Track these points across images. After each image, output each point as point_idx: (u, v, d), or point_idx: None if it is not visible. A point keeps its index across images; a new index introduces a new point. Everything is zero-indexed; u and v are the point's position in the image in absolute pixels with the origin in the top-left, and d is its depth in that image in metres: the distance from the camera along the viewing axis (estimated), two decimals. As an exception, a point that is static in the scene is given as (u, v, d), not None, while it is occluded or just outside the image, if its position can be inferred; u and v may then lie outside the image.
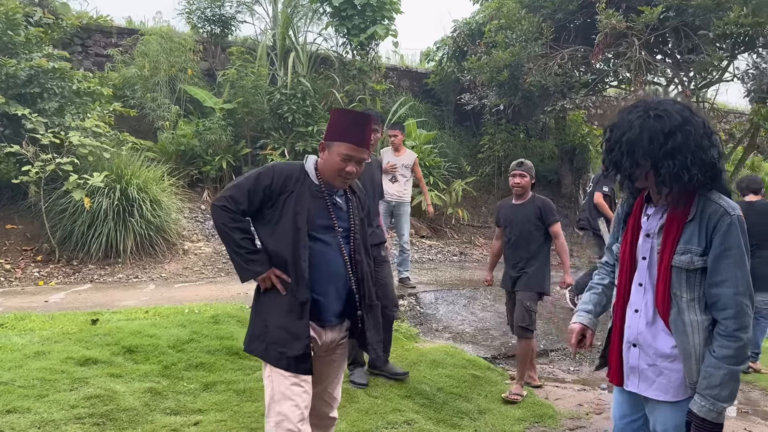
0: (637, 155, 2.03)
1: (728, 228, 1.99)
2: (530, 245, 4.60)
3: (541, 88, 10.10)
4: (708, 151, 2.00)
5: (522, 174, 4.64)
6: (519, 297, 4.58)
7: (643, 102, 2.11)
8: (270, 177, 2.50)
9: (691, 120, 2.02)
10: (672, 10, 8.95)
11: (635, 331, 2.16)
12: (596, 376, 5.30)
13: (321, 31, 12.54)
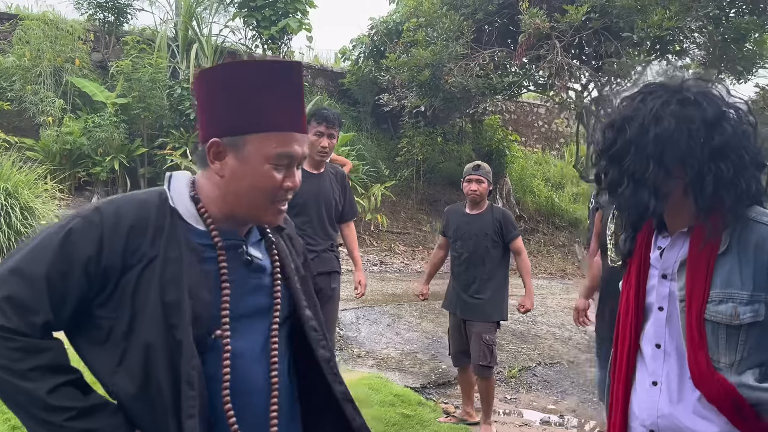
0: (671, 160, 1.37)
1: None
2: (486, 264, 3.89)
3: (463, 89, 9.69)
4: (758, 144, 1.40)
5: (479, 179, 3.89)
6: (476, 330, 3.86)
7: (657, 86, 1.44)
8: (96, 238, 1.14)
9: (730, 102, 1.41)
10: (596, 11, 8.76)
11: (654, 413, 1.51)
12: (535, 405, 4.81)
13: (228, 22, 11.61)
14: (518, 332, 6.38)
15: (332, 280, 3.55)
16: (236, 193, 1.23)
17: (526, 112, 17.01)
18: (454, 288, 4.03)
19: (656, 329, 1.55)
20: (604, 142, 1.46)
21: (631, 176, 1.40)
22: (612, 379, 1.66)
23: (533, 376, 5.39)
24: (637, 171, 1.39)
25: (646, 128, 1.38)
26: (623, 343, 1.61)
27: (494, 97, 10.49)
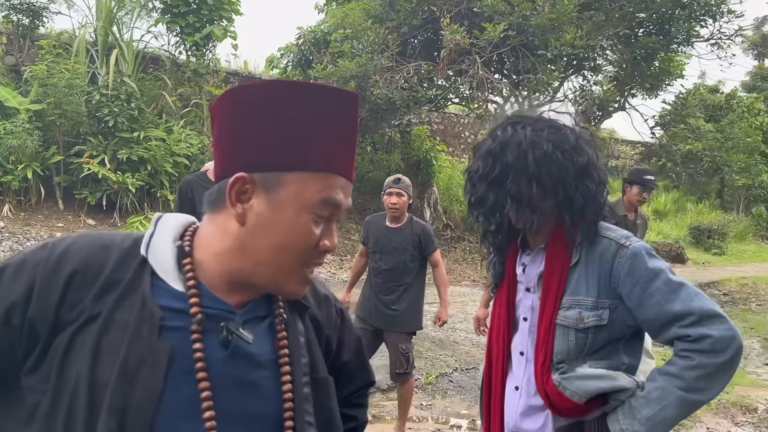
0: (549, 180, 1.52)
1: (632, 263, 1.51)
2: (404, 277, 3.94)
3: (388, 101, 9.86)
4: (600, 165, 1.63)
5: (399, 192, 3.87)
6: (392, 340, 3.94)
7: (520, 118, 1.62)
8: (27, 282, 0.87)
9: (583, 131, 1.64)
10: (513, 29, 9.12)
11: (515, 416, 1.66)
12: (449, 410, 4.96)
13: (150, 28, 11.35)
14: (437, 339, 6.54)
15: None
16: (257, 248, 0.89)
17: (453, 123, 17.41)
18: (369, 297, 4.04)
19: (521, 338, 1.69)
20: (483, 169, 1.57)
21: (512, 197, 1.53)
22: (485, 387, 1.78)
23: (449, 382, 5.55)
24: (518, 192, 1.52)
25: (524, 152, 1.51)
26: (497, 354, 1.74)
27: (419, 109, 10.72)
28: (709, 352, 1.42)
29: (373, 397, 5.11)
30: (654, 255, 1.54)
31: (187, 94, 10.93)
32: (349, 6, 11.10)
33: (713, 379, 1.44)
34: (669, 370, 1.47)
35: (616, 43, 10.36)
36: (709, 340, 1.42)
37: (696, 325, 1.44)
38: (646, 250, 1.53)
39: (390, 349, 4.00)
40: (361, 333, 3.79)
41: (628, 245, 1.53)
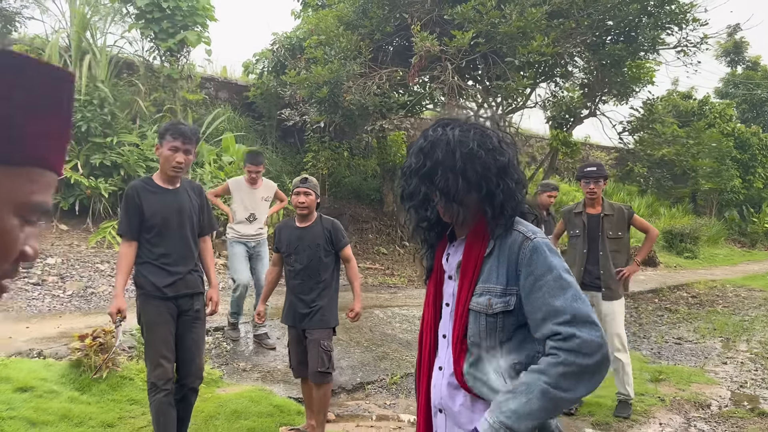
0: (475, 176, 1.65)
1: (531, 254, 1.62)
2: (321, 273, 4.00)
3: (361, 107, 9.96)
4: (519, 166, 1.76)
5: (307, 191, 3.98)
6: (314, 337, 3.96)
7: (449, 119, 1.76)
8: None
9: (504, 135, 1.76)
10: (482, 36, 9.28)
11: (439, 394, 1.77)
12: (412, 408, 5.05)
13: (124, 33, 11.36)
14: (404, 341, 6.64)
15: (195, 302, 3.55)
16: None
17: (430, 128, 17.57)
18: (291, 301, 4.08)
19: (444, 323, 1.83)
20: (416, 164, 1.71)
21: (441, 191, 1.67)
22: (416, 370, 1.91)
23: (413, 382, 5.63)
24: (445, 186, 1.66)
25: (452, 150, 1.65)
26: (426, 339, 1.87)
27: (392, 115, 10.85)
28: (575, 352, 1.49)
29: (338, 398, 5.20)
30: (555, 252, 1.65)
31: (161, 100, 10.95)
32: (322, 12, 11.21)
33: (578, 380, 1.50)
34: (536, 367, 1.55)
35: (584, 51, 10.56)
36: (577, 341, 1.50)
37: (568, 324, 1.52)
38: (548, 246, 1.65)
39: (311, 346, 3.97)
40: (294, 340, 3.80)
41: (533, 238, 1.65)
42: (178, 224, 3.47)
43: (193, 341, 3.55)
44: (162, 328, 3.42)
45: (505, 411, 1.53)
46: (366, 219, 13.92)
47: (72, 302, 7.11)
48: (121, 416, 4.03)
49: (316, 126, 11.38)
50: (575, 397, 1.53)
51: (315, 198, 4.03)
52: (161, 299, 3.43)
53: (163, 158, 3.44)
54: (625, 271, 4.97)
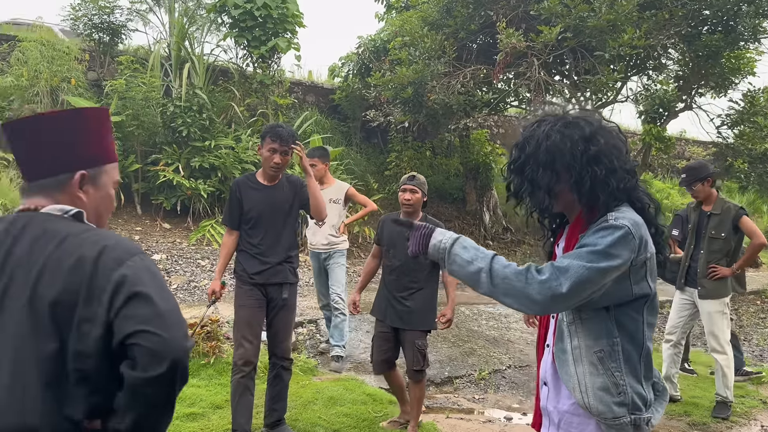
0: (559, 166, 1.75)
1: (595, 231, 1.70)
2: (417, 273, 3.96)
3: (445, 106, 10.03)
4: (627, 156, 1.80)
5: (413, 189, 3.96)
6: (408, 337, 3.99)
7: (551, 114, 1.87)
8: None
9: (604, 125, 1.82)
10: (569, 31, 9.13)
11: (545, 368, 1.91)
12: (501, 404, 5.09)
13: (219, 42, 11.98)
14: (491, 338, 6.67)
15: (283, 290, 3.76)
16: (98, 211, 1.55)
17: (514, 126, 17.35)
18: (384, 296, 4.09)
19: None
20: (512, 159, 1.86)
21: (530, 181, 1.79)
22: (537, 348, 2.05)
23: (502, 378, 5.67)
24: (534, 177, 1.78)
25: (539, 144, 1.77)
26: (542, 319, 2.01)
27: (476, 113, 10.83)
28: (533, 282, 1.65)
29: (427, 390, 5.31)
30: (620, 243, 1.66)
31: (254, 105, 11.46)
32: (407, 14, 11.36)
33: (508, 292, 1.69)
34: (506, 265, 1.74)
35: (678, 42, 10.15)
36: (542, 278, 1.66)
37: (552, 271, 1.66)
38: (620, 235, 1.66)
39: (406, 346, 4.00)
40: (380, 336, 4.00)
41: (608, 220, 1.70)
42: (272, 218, 3.73)
43: (281, 326, 3.81)
44: (247, 312, 3.69)
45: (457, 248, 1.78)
46: (449, 218, 13.95)
47: (177, 295, 7.61)
48: (227, 399, 4.32)
49: (400, 126, 11.55)
50: (479, 290, 1.76)
51: (421, 196, 4.00)
52: (251, 285, 3.71)
53: (263, 158, 3.75)
54: (718, 271, 4.79)
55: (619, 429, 1.71)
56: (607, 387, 1.71)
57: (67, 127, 1.46)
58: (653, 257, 1.74)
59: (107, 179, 1.53)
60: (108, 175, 1.54)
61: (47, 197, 1.45)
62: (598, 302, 1.71)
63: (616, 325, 1.73)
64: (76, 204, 1.46)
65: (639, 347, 1.75)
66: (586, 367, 1.73)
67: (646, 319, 1.76)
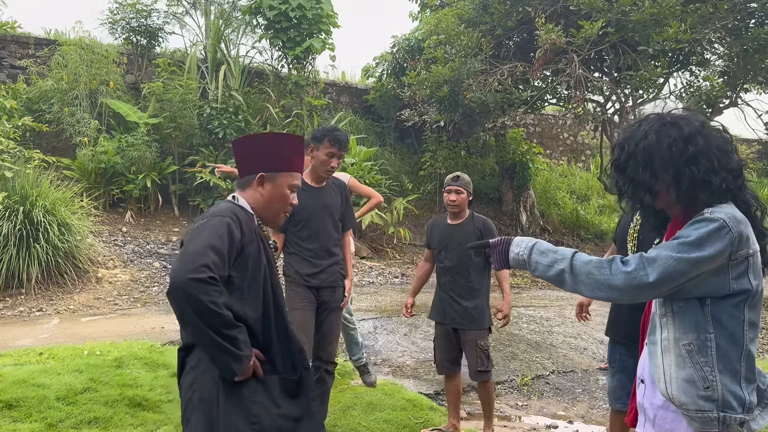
0: (657, 165, 1.74)
1: (690, 224, 1.70)
2: (471, 272, 3.94)
3: (482, 104, 9.86)
4: (731, 155, 1.76)
5: (458, 190, 3.95)
6: (470, 337, 3.95)
7: (653, 114, 1.87)
8: (239, 227, 1.97)
9: (707, 125, 1.79)
10: (611, 26, 8.87)
11: (642, 365, 1.90)
12: (545, 411, 4.92)
13: (254, 43, 12.03)
14: (533, 342, 6.48)
15: (335, 293, 3.73)
16: (265, 206, 2.16)
17: (550, 124, 17.06)
18: (441, 298, 4.08)
19: (655, 303, 1.90)
20: (614, 158, 1.89)
21: (631, 180, 1.81)
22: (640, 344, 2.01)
23: (546, 384, 5.49)
24: (634, 176, 1.79)
25: (638, 143, 1.79)
26: (645, 317, 1.99)
27: (513, 111, 10.62)
28: (615, 273, 1.70)
29: (468, 396, 5.17)
30: (713, 238, 1.64)
31: (289, 106, 11.45)
32: (442, 12, 11.21)
33: (594, 286, 1.73)
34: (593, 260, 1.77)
35: (724, 36, 9.77)
36: (629, 268, 1.68)
37: (639, 260, 1.69)
38: (714, 229, 1.64)
39: (468, 347, 3.97)
40: (441, 336, 4.24)
41: (704, 214, 1.69)
42: (321, 220, 3.66)
43: (329, 329, 3.74)
44: (300, 314, 3.61)
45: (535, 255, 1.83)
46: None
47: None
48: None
49: (435, 125, 11.40)
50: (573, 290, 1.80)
51: (467, 196, 3.99)
52: (304, 287, 3.64)
53: (319, 161, 3.64)
54: None
55: (703, 423, 1.67)
56: (693, 380, 1.69)
57: (257, 142, 2.22)
58: (757, 255, 1.71)
59: (283, 181, 2.13)
60: (284, 179, 2.14)
61: (240, 190, 2.16)
62: (692, 292, 1.70)
63: (713, 320, 1.70)
64: (255, 197, 2.14)
65: (739, 346, 1.70)
66: (673, 359, 1.73)
67: (747, 317, 1.71)
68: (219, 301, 1.82)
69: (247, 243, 1.97)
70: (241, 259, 1.96)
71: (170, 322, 6.22)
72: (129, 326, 5.96)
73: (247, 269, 1.97)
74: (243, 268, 1.96)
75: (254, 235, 2.02)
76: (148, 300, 7.28)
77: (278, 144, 2.16)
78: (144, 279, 7.87)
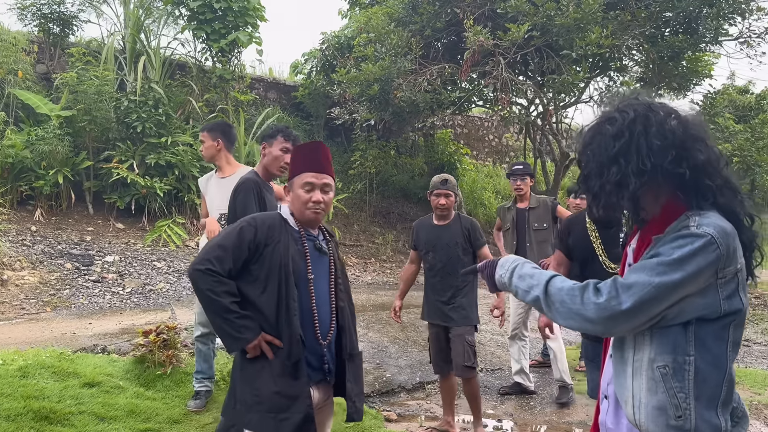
0: (591, 165, 1.60)
1: (673, 239, 1.49)
2: (459, 272, 4.00)
3: (412, 104, 9.86)
4: (665, 151, 1.50)
5: (447, 193, 4.08)
6: (458, 332, 4.04)
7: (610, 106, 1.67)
8: (253, 230, 2.32)
9: (646, 115, 1.53)
10: (537, 29, 9.06)
11: (606, 380, 1.73)
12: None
13: (176, 35, 11.55)
14: (462, 341, 6.50)
15: None
16: (295, 208, 2.45)
17: (477, 126, 17.35)
18: (431, 299, 4.17)
19: None
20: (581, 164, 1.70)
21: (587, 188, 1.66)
22: (602, 355, 1.84)
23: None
24: (584, 181, 1.66)
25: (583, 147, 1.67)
26: None
27: (442, 112, 10.69)
28: (586, 304, 1.52)
29: (398, 397, 5.11)
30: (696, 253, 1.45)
31: (213, 100, 11.07)
32: (372, 10, 11.14)
33: (567, 315, 1.56)
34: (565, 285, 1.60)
35: (642, 43, 10.20)
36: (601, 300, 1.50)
37: (611, 287, 1.51)
38: (699, 246, 1.45)
39: (455, 342, 4.05)
40: (435, 336, 4.31)
41: (690, 226, 1.49)
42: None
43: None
44: None
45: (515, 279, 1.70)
46: (414, 218, 13.77)
47: (131, 299, 7.22)
48: (186, 412, 4.02)
49: (366, 124, 11.32)
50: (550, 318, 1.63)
51: (455, 198, 4.12)
52: None
53: (273, 157, 3.50)
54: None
55: None
56: (664, 407, 1.50)
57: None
58: (744, 268, 1.53)
59: (297, 185, 2.42)
60: (297, 182, 2.42)
61: None
62: (677, 318, 1.50)
63: (696, 342, 1.50)
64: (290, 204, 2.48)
65: (721, 370, 1.51)
66: (644, 382, 1.54)
67: (732, 337, 1.53)
68: (218, 290, 2.22)
69: (268, 242, 2.31)
70: (260, 255, 2.30)
71: (82, 327, 5.83)
72: (37, 332, 5.54)
73: (265, 264, 2.29)
74: (262, 262, 2.29)
75: (281, 236, 2.33)
76: (59, 303, 6.81)
77: (294, 154, 2.56)
78: (54, 281, 7.37)
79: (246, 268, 2.31)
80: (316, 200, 2.39)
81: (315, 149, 2.47)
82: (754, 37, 10.31)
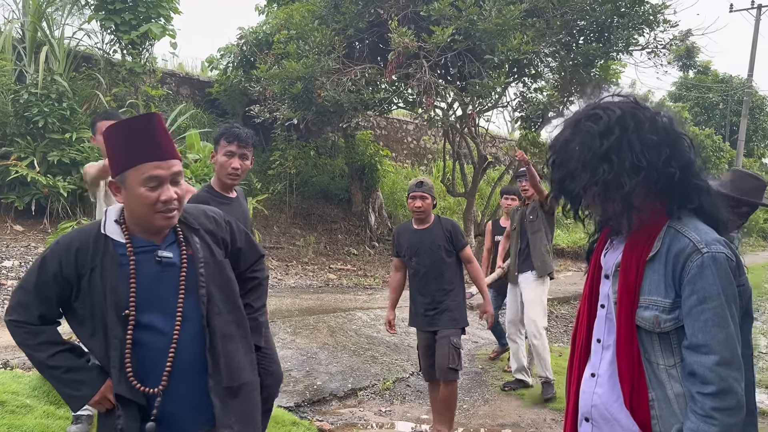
0: (572, 165, 1.49)
1: (699, 271, 1.42)
2: (444, 274, 4.00)
3: (336, 103, 9.70)
4: (659, 149, 1.45)
5: (423, 195, 4.02)
6: (444, 334, 3.95)
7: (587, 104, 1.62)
8: (57, 259, 1.79)
9: (634, 112, 1.48)
10: (460, 33, 9.15)
11: (589, 402, 1.61)
12: (409, 415, 4.84)
13: (83, 25, 10.80)
14: (392, 344, 6.43)
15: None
16: (133, 213, 1.81)
17: (396, 128, 17.42)
18: (417, 304, 4.11)
19: (598, 325, 1.64)
20: (547, 161, 1.64)
21: (557, 184, 1.59)
22: (569, 372, 1.74)
23: (407, 387, 5.44)
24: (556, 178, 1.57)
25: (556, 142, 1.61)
26: (579, 340, 1.70)
27: (366, 113, 10.59)
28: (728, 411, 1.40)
29: (330, 405, 4.96)
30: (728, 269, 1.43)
31: (123, 95, 10.42)
32: (293, 7, 10.88)
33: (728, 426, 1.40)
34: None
35: (558, 50, 10.55)
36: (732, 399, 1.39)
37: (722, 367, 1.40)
38: (720, 262, 1.43)
39: (441, 343, 3.95)
40: (424, 343, 4.15)
41: (704, 251, 1.44)
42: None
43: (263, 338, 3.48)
44: None
45: None
46: (335, 219, 13.65)
47: (33, 308, 6.64)
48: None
49: (288, 123, 11.04)
50: None
51: (431, 201, 4.03)
52: None
53: (219, 165, 3.21)
54: None
55: None
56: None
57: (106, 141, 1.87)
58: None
59: (133, 181, 1.77)
60: (132, 177, 1.77)
61: None
62: None
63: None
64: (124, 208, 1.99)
65: (751, 384, 1.52)
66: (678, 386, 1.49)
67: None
68: (31, 343, 1.81)
69: (81, 272, 1.78)
70: (78, 290, 1.81)
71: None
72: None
73: (86, 300, 1.80)
74: (83, 298, 1.81)
75: (96, 260, 1.78)
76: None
77: (111, 137, 1.80)
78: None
79: (69, 305, 1.83)
80: (167, 199, 1.75)
81: (148, 126, 1.77)
82: (660, 47, 10.92)
